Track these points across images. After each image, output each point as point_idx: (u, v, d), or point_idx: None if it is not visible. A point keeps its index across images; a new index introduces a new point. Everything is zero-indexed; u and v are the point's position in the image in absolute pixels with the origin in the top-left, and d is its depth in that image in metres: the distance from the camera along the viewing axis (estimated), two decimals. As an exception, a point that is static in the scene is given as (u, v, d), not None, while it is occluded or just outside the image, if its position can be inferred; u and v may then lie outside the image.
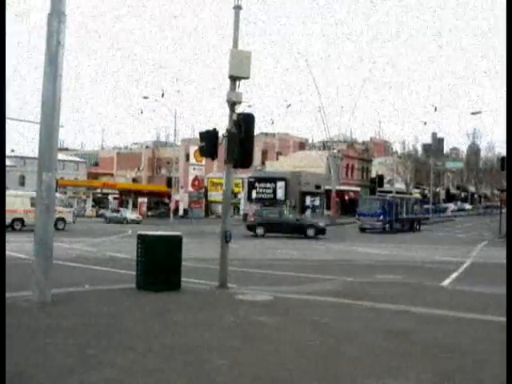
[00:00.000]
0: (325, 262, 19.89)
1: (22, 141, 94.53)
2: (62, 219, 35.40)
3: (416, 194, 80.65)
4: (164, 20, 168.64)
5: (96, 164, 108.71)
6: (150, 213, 61.22)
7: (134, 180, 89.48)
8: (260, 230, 34.65)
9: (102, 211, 59.87)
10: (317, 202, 73.69)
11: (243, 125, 11.40)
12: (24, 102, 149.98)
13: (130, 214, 54.12)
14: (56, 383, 5.37)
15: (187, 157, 63.49)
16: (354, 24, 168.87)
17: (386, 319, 8.90)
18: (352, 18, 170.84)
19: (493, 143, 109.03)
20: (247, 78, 11.72)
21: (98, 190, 66.39)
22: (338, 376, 5.80)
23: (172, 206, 56.40)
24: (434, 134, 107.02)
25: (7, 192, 29.21)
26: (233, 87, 11.76)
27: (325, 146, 79.97)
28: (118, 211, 55.28)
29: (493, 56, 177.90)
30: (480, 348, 7.13)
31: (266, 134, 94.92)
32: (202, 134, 11.92)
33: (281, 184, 71.61)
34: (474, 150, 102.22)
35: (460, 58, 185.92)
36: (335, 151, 67.79)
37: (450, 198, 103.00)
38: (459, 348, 7.10)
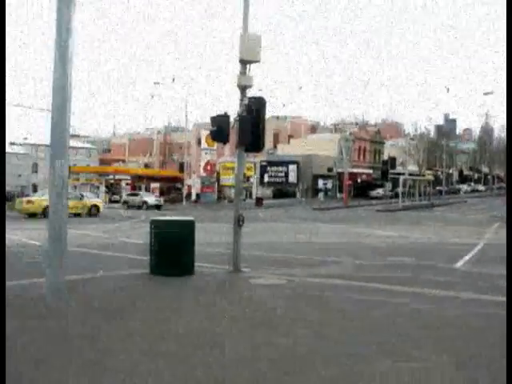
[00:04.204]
0: (336, 244, 19.86)
1: (35, 128, 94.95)
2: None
3: (429, 175, 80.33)
4: (175, 4, 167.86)
5: (108, 150, 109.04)
6: (162, 198, 61.39)
7: (146, 166, 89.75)
8: None
9: (114, 197, 59.63)
10: (329, 185, 73.63)
11: (254, 108, 11.36)
12: (37, 89, 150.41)
13: (150, 197, 50.87)
14: (68, 367, 5.42)
15: (199, 141, 63.41)
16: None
17: (399, 301, 8.90)
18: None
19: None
20: (257, 61, 11.67)
21: (111, 176, 66.68)
22: (351, 356, 5.81)
23: (185, 190, 56.54)
24: (446, 115, 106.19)
25: None
26: (243, 71, 11.71)
27: (336, 128, 79.70)
28: (136, 195, 52.49)
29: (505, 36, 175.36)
30: (493, 329, 7.11)
31: (278, 118, 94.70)
32: (213, 119, 11.87)
33: (293, 167, 71.67)
34: (486, 131, 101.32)
35: (472, 39, 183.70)
36: (347, 134, 67.57)
37: (463, 179, 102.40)
38: (473, 329, 7.09)
